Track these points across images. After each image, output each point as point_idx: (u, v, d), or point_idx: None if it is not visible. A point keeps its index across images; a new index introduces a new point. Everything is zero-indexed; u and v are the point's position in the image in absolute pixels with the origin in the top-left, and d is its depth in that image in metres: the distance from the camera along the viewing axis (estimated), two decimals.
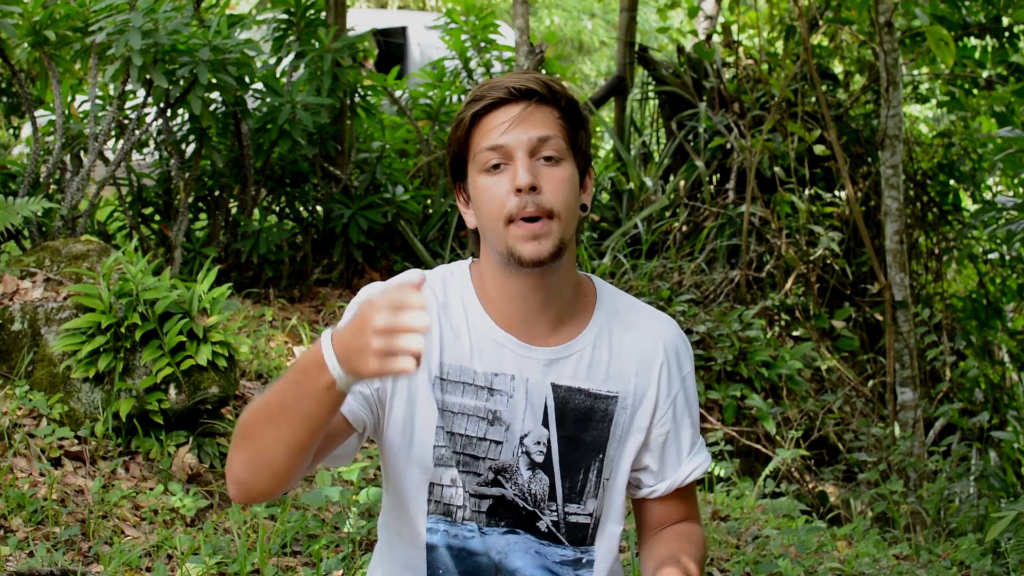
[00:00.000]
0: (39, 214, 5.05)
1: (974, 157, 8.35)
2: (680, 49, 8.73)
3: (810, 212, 7.44)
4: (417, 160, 7.17)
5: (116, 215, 6.23)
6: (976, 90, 8.30)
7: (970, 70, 8.08)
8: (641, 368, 2.12)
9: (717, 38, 8.78)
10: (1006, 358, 8.10)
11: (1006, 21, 7.80)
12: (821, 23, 7.88)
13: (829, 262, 7.44)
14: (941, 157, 8.41)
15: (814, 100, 7.66)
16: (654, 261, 7.11)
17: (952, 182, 8.40)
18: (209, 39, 5.29)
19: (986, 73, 8.07)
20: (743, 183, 7.42)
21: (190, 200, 5.88)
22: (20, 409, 4.05)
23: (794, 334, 7.06)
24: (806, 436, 6.11)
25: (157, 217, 6.15)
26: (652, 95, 8.74)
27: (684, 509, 2.22)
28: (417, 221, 6.99)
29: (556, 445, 2.09)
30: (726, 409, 5.98)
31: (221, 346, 4.16)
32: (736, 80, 8.21)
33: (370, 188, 6.68)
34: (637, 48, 8.72)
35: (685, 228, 7.68)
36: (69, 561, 3.39)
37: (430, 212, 7.04)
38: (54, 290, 4.39)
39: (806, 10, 7.26)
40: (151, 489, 3.92)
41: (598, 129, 9.83)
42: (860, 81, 8.56)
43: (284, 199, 6.59)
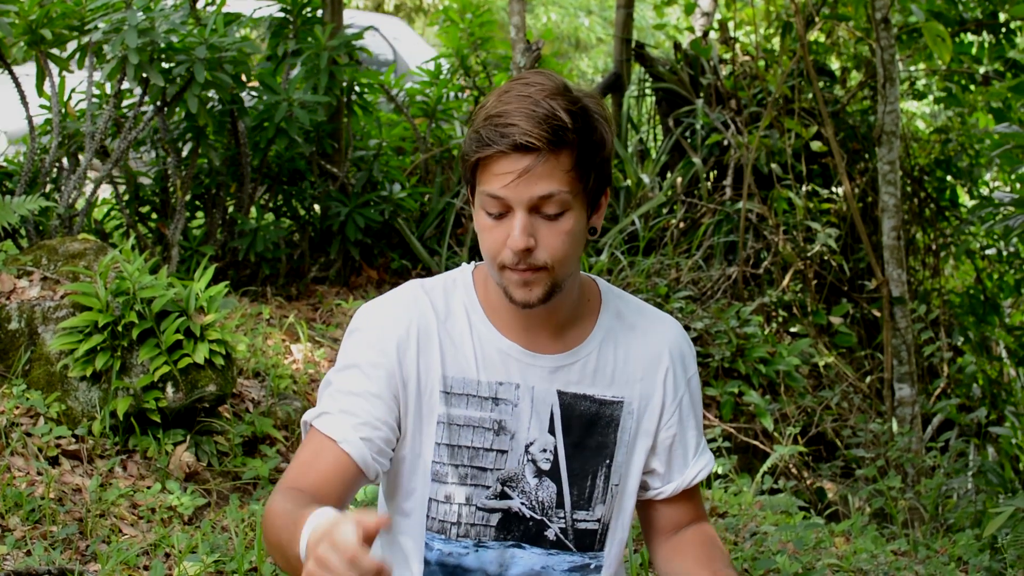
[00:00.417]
0: (36, 213, 5.04)
1: (971, 153, 8.35)
2: (677, 46, 8.72)
3: (807, 208, 7.44)
4: (414, 158, 7.16)
5: (113, 213, 6.22)
6: (973, 86, 8.30)
7: (967, 66, 8.08)
8: (647, 373, 2.12)
9: (714, 35, 8.77)
10: (1004, 354, 8.10)
11: (1003, 17, 7.80)
12: (818, 19, 7.87)
13: (826, 258, 7.44)
14: (938, 153, 8.41)
15: (811, 96, 7.66)
16: (651, 258, 7.11)
17: (949, 178, 8.40)
18: (206, 37, 5.28)
19: (983, 69, 8.07)
20: (740, 179, 7.41)
21: (187, 198, 5.88)
22: (17, 408, 4.05)
23: (792, 330, 7.06)
24: (804, 432, 6.11)
25: (154, 215, 6.14)
26: (649, 92, 8.74)
27: (691, 509, 2.23)
28: (414, 219, 6.98)
29: (563, 452, 2.08)
30: (724, 406, 5.98)
31: (218, 344, 4.16)
32: (733, 76, 8.20)
33: (367, 186, 6.68)
34: (634, 45, 8.71)
35: (682, 225, 7.68)
36: (67, 560, 3.38)
37: (427, 210, 7.04)
38: (51, 289, 4.39)
39: (803, 6, 7.26)
40: (148, 488, 3.92)
41: None
42: (857, 77, 8.55)
43: (281, 197, 6.58)
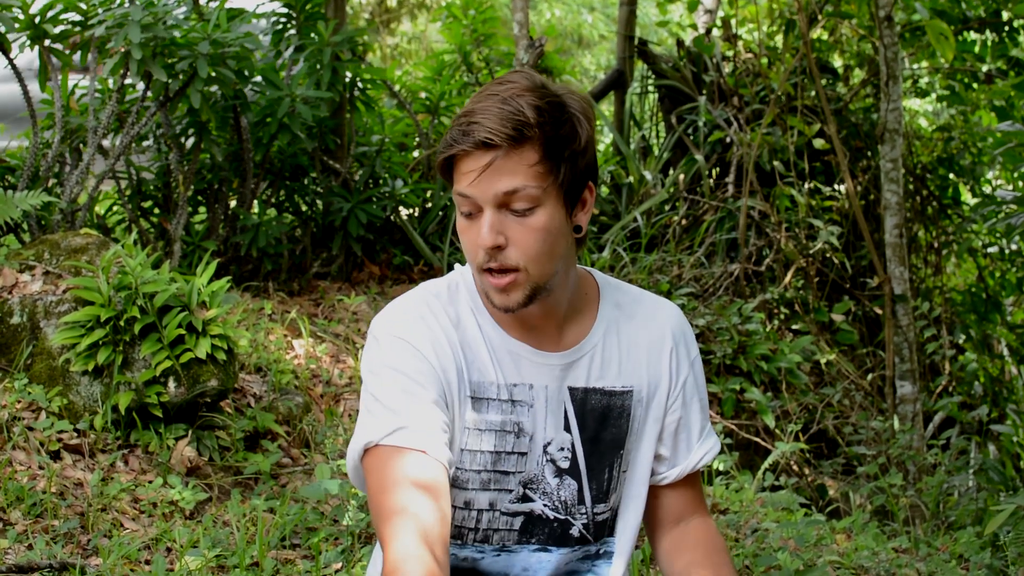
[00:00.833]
0: (38, 207, 5.04)
1: (974, 151, 8.34)
2: (680, 43, 8.72)
3: (809, 206, 7.43)
4: (417, 154, 7.16)
5: (115, 208, 6.23)
6: (976, 84, 8.29)
7: (970, 64, 8.07)
8: (652, 358, 2.12)
9: (717, 32, 8.77)
10: (1005, 352, 8.10)
11: (1006, 15, 7.80)
12: (821, 17, 7.87)
13: (828, 256, 7.44)
14: (941, 151, 8.40)
15: (814, 94, 7.65)
16: (653, 255, 7.10)
17: (952, 176, 8.39)
18: (208, 33, 5.29)
19: (986, 67, 8.06)
20: (743, 177, 7.41)
21: (189, 193, 5.88)
22: (19, 402, 4.05)
23: (793, 328, 7.06)
24: (805, 429, 6.10)
25: (156, 210, 6.14)
26: (652, 89, 8.74)
27: (693, 497, 2.22)
28: (416, 215, 6.99)
29: (580, 449, 2.07)
30: (725, 402, 5.98)
31: (220, 339, 4.16)
32: (736, 74, 8.20)
33: (369, 182, 6.68)
34: (637, 42, 8.71)
35: (684, 222, 7.67)
36: (68, 554, 3.39)
37: (429, 206, 7.04)
38: (53, 283, 4.39)
39: (806, 4, 7.25)
40: (150, 482, 3.92)
41: (597, 123, 9.83)
42: (860, 75, 8.54)
43: (283, 193, 6.58)
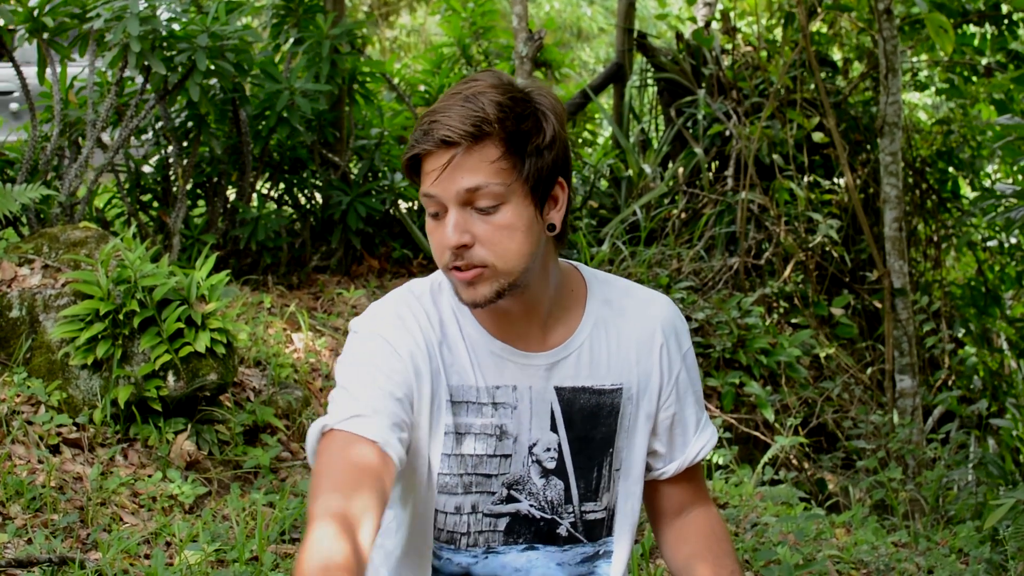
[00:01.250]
0: (37, 201, 5.04)
1: (973, 144, 8.34)
2: (679, 36, 8.71)
3: (809, 199, 7.43)
4: None
5: (114, 202, 6.22)
6: (975, 77, 8.28)
7: (969, 57, 8.07)
8: (641, 355, 2.09)
9: (716, 25, 8.75)
10: (1005, 346, 8.10)
11: (1005, 8, 7.79)
12: (820, 10, 7.86)
13: (828, 249, 7.44)
14: (940, 144, 8.40)
15: (813, 87, 7.65)
16: (653, 248, 7.10)
17: (951, 169, 8.39)
18: (207, 26, 5.28)
19: (985, 60, 8.06)
20: (742, 170, 7.41)
21: (188, 187, 5.87)
22: (18, 396, 4.05)
23: (793, 321, 7.06)
24: (805, 423, 6.11)
25: (155, 204, 6.14)
26: (651, 82, 8.73)
27: (694, 489, 2.21)
28: (415, 208, 6.98)
29: (567, 448, 2.05)
30: (725, 396, 5.98)
31: (219, 333, 4.16)
32: (735, 67, 8.19)
33: (368, 175, 6.67)
34: (636, 35, 8.70)
35: (684, 215, 7.67)
36: (67, 548, 3.39)
37: None
38: (52, 277, 4.38)
39: None
40: (149, 476, 3.92)
41: (596, 116, 9.82)
42: (859, 68, 8.54)
43: (282, 186, 6.58)
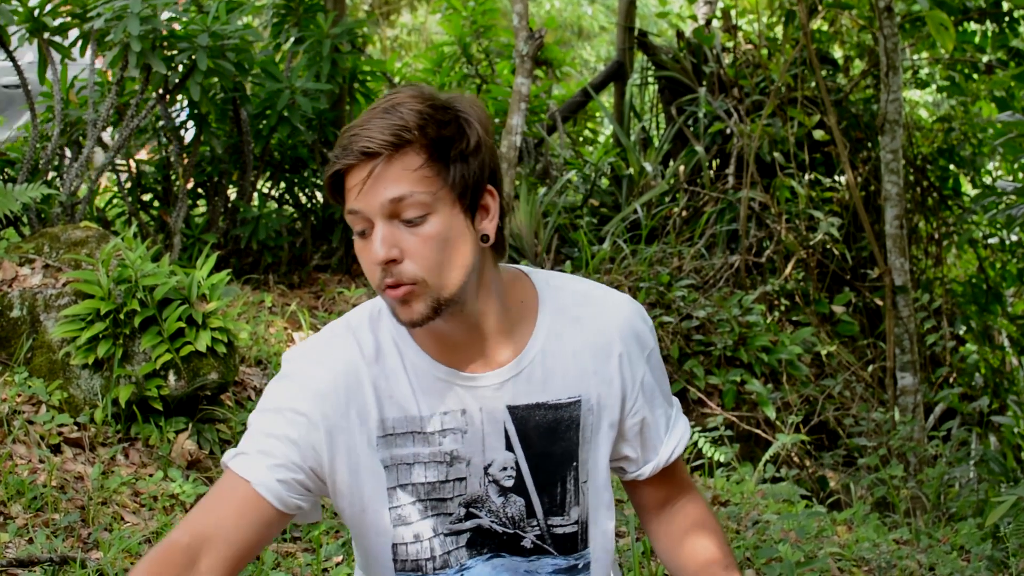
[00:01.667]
0: (38, 200, 5.04)
1: (974, 142, 8.34)
2: (680, 34, 8.71)
3: (810, 197, 7.43)
4: None
5: (115, 201, 6.22)
6: (976, 75, 8.28)
7: (970, 55, 8.07)
8: (599, 364, 1.99)
9: (717, 23, 8.76)
10: (1006, 343, 8.10)
11: (1006, 6, 7.79)
12: (821, 8, 7.86)
13: (829, 247, 7.44)
14: (941, 142, 8.39)
15: (814, 85, 7.64)
16: (654, 246, 7.10)
17: (952, 167, 8.39)
18: (208, 25, 5.27)
19: (986, 58, 8.06)
20: (743, 168, 7.41)
21: (189, 186, 5.88)
22: (19, 396, 4.05)
23: (794, 319, 7.06)
24: (806, 421, 6.11)
25: (156, 203, 6.14)
26: (652, 80, 8.73)
27: (676, 482, 2.16)
28: None
29: (525, 466, 1.98)
30: (726, 394, 5.98)
31: (220, 332, 4.15)
32: (736, 65, 8.19)
33: None
34: (637, 33, 8.70)
35: (685, 213, 7.67)
36: (68, 548, 3.39)
37: None
38: (53, 276, 4.39)
39: None
40: (151, 475, 3.92)
41: (597, 114, 9.82)
42: (860, 66, 8.54)
43: (283, 185, 6.58)
